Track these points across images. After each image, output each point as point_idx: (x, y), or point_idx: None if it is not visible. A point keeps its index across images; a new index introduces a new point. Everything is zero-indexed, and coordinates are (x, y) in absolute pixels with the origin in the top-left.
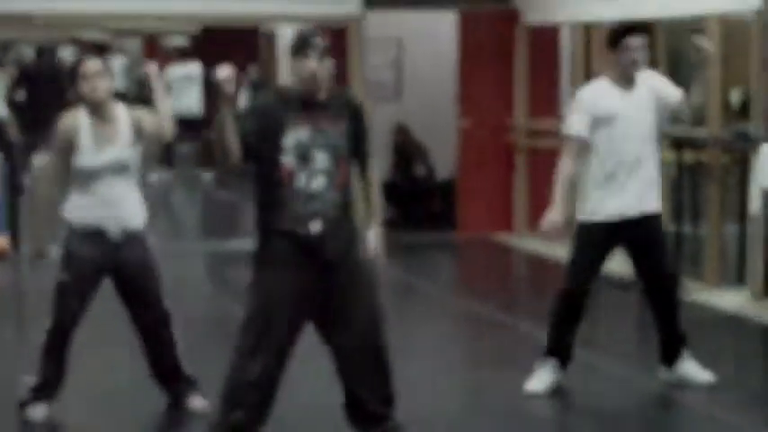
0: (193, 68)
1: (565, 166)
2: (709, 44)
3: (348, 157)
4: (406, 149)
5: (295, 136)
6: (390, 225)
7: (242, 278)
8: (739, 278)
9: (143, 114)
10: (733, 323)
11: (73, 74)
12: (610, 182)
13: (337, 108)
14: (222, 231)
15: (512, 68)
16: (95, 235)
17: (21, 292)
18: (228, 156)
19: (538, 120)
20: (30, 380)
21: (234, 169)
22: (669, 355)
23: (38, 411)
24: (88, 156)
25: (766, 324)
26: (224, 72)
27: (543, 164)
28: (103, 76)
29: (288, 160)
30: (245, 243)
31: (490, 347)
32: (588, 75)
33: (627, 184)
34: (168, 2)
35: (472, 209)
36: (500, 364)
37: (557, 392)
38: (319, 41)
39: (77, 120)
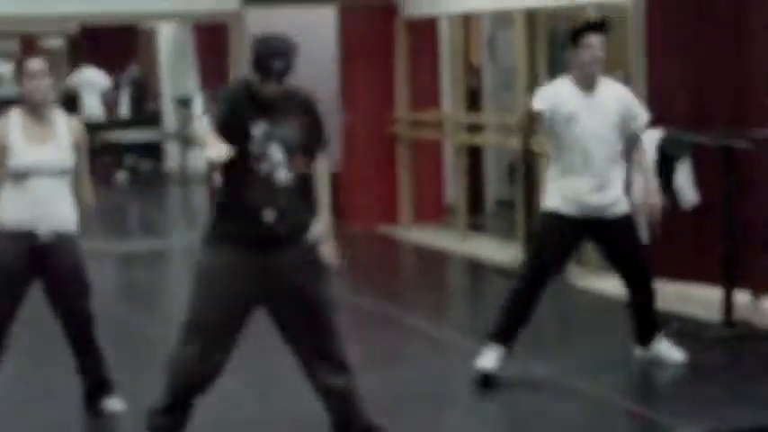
0: (96, 75)
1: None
2: None
3: (301, 152)
4: None
5: (258, 127)
6: None
7: (125, 279)
8: None
9: (80, 128)
10: (615, 306)
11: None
12: (569, 178)
13: (292, 104)
14: (103, 233)
15: (392, 62)
16: (24, 236)
17: None
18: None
19: (419, 112)
20: None
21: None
22: (643, 337)
23: None
24: (21, 155)
25: None
26: None
27: (426, 155)
28: (45, 75)
29: (254, 149)
30: (127, 244)
31: (378, 342)
32: (468, 65)
33: (584, 182)
34: (45, 3)
35: (356, 201)
36: (388, 359)
37: (438, 387)
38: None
39: (8, 122)
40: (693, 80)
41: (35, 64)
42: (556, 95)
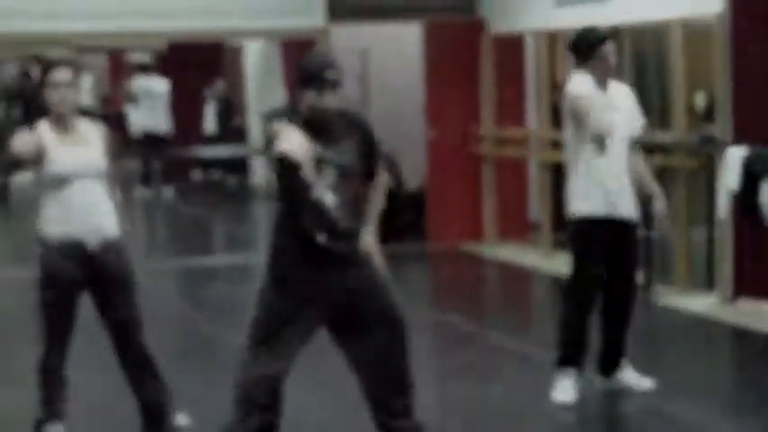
0: (156, 84)
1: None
2: None
3: (356, 172)
4: None
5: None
6: None
7: (212, 294)
8: (709, 282)
9: (107, 133)
10: (703, 326)
11: (42, 82)
12: (593, 175)
13: (344, 124)
14: (190, 248)
15: (478, 78)
16: (73, 247)
17: None
18: None
19: (504, 129)
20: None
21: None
22: (608, 366)
23: (53, 430)
24: (59, 161)
25: (736, 327)
26: None
27: (510, 172)
28: (71, 86)
29: (306, 173)
30: (213, 259)
31: (462, 358)
32: (554, 82)
33: (607, 178)
34: (135, 20)
35: (442, 219)
36: (472, 374)
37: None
38: None
39: (39, 131)
40: None
41: (60, 74)
42: (589, 85)
